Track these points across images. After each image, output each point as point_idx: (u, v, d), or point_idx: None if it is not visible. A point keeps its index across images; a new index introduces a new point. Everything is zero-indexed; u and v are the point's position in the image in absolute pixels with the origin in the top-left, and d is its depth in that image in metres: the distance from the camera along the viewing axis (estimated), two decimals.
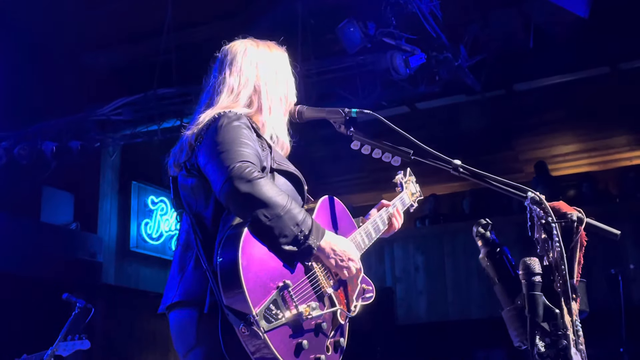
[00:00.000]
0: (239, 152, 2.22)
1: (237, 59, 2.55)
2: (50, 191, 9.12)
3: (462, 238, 9.77)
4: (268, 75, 2.57)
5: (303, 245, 2.22)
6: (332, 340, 2.31)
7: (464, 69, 6.50)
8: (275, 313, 2.10)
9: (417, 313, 9.76)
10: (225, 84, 2.51)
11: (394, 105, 8.37)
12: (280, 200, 2.19)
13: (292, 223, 2.19)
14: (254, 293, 2.07)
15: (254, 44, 2.63)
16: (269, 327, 2.06)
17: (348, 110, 2.54)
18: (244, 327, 2.04)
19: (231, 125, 2.31)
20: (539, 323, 1.98)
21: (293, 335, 2.15)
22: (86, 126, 7.93)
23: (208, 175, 2.27)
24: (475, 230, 2.24)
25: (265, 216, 2.14)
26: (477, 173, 2.29)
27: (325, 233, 2.32)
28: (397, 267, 10.06)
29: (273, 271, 2.17)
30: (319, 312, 2.23)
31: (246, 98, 2.50)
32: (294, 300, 2.18)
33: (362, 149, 2.50)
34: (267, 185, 2.18)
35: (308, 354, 2.20)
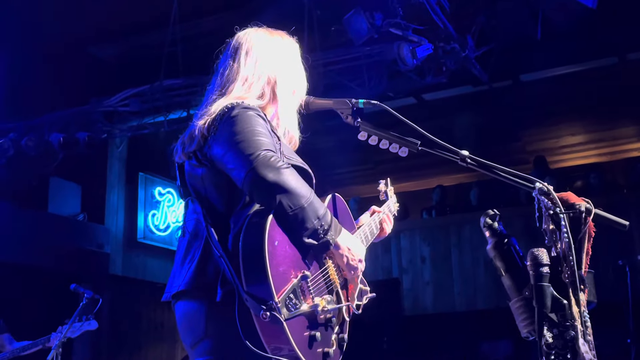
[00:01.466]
0: (260, 141, 2.22)
1: (252, 49, 2.53)
2: (58, 182, 9.15)
3: (469, 229, 9.76)
4: (281, 66, 2.56)
5: (322, 239, 2.23)
6: (337, 336, 2.33)
7: (471, 60, 6.47)
8: (295, 302, 2.12)
9: (424, 304, 9.77)
10: (239, 73, 2.49)
11: (400, 96, 8.34)
12: (305, 191, 2.20)
13: (314, 216, 2.20)
14: (277, 281, 2.08)
15: (268, 34, 2.61)
16: (289, 315, 2.08)
17: (355, 101, 2.53)
18: (265, 314, 2.03)
19: (247, 114, 2.30)
20: (546, 314, 1.98)
21: (308, 326, 2.18)
22: (93, 117, 7.95)
23: (226, 164, 2.25)
24: (483, 221, 2.23)
25: (290, 206, 2.15)
26: (485, 164, 2.28)
27: (342, 231, 2.34)
28: (403, 258, 10.06)
29: (293, 261, 2.19)
30: (334, 306, 2.27)
31: (259, 89, 2.48)
32: (311, 292, 2.20)
33: (369, 139, 2.49)
34: (293, 175, 2.20)
35: (319, 346, 2.22)
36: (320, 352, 2.23)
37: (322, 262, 2.32)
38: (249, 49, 2.53)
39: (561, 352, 1.95)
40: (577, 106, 10.93)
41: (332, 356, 2.28)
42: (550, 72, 9.66)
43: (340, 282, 2.39)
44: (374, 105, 2.53)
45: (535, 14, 6.57)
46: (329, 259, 2.35)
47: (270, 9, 7.20)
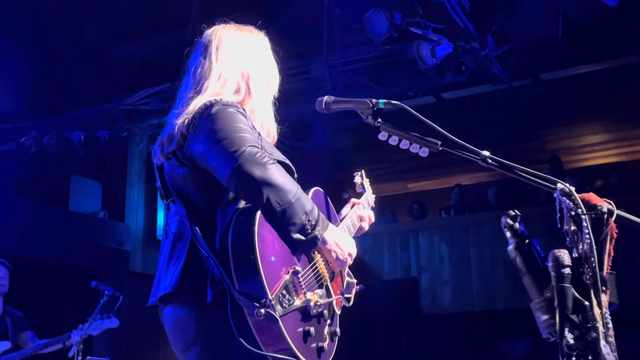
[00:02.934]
0: (243, 137, 2.20)
1: (222, 45, 2.50)
2: (79, 180, 9.24)
3: (488, 228, 9.72)
4: (253, 60, 2.53)
5: (310, 234, 2.22)
6: (329, 329, 2.33)
7: (491, 59, 6.45)
8: (288, 299, 2.11)
9: (442, 303, 9.75)
10: (212, 69, 2.46)
11: (419, 95, 8.32)
12: (292, 187, 2.19)
13: (302, 211, 2.19)
14: (269, 278, 2.07)
15: (236, 29, 2.59)
16: (283, 311, 2.07)
17: (375, 101, 2.51)
18: (259, 311, 2.02)
19: (227, 110, 2.28)
20: (568, 315, 1.97)
21: (301, 321, 2.18)
22: (114, 116, 8.01)
23: (209, 162, 2.22)
24: (503, 222, 2.22)
25: (277, 202, 2.13)
26: (506, 164, 2.27)
27: (329, 225, 2.33)
28: (422, 257, 10.04)
29: (283, 257, 2.17)
30: (326, 300, 2.27)
31: (234, 84, 2.46)
32: (303, 288, 2.20)
33: (390, 139, 2.48)
34: (279, 171, 2.19)
35: (313, 341, 2.21)
36: (315, 347, 2.23)
37: (311, 257, 2.31)
38: (219, 45, 2.50)
39: (582, 354, 1.94)
40: (597, 105, 10.84)
41: (327, 350, 2.28)
42: (571, 71, 9.60)
43: (330, 276, 2.38)
44: (395, 105, 2.52)
45: (556, 13, 6.53)
46: (317, 254, 2.34)
47: (290, 8, 7.23)
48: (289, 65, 7.33)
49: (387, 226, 11.01)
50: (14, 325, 6.09)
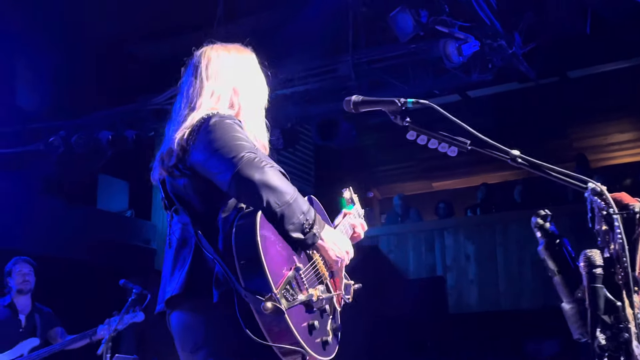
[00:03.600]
0: (241, 144, 2.31)
1: (212, 63, 2.60)
2: (106, 179, 9.34)
3: (514, 227, 9.65)
4: (243, 77, 2.64)
5: (308, 233, 2.32)
6: (332, 325, 2.43)
7: (518, 56, 6.40)
8: (292, 293, 2.21)
9: (468, 302, 9.70)
10: (204, 87, 2.56)
11: (445, 93, 8.29)
12: (289, 189, 2.29)
13: (299, 211, 2.29)
14: (273, 274, 2.17)
15: (224, 48, 2.69)
16: (288, 305, 2.16)
17: (404, 101, 2.51)
18: (265, 305, 2.11)
19: (224, 122, 2.39)
20: (600, 316, 1.96)
21: (306, 316, 2.27)
22: (141, 115, 8.07)
23: (210, 169, 2.33)
24: (534, 222, 2.21)
25: (277, 203, 2.24)
26: (536, 163, 2.26)
27: (325, 226, 2.43)
28: (447, 256, 10.00)
29: (285, 256, 2.28)
30: (327, 295, 2.38)
31: (227, 99, 2.56)
32: (305, 284, 2.29)
33: (418, 139, 2.47)
34: (277, 174, 2.29)
35: (318, 334, 2.31)
36: (320, 341, 2.32)
37: (310, 256, 2.41)
38: (208, 64, 2.60)
39: (614, 354, 1.93)
40: (625, 103, 10.72)
41: (331, 344, 2.37)
42: (599, 68, 9.50)
43: (329, 275, 2.48)
44: (423, 104, 2.51)
45: (584, 9, 6.46)
46: (316, 253, 2.43)
47: (314, 7, 7.23)
48: (314, 65, 7.34)
49: (412, 225, 10.98)
50: (42, 321, 6.17)
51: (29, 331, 6.06)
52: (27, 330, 6.06)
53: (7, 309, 6.06)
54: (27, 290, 6.12)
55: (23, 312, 6.12)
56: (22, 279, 6.08)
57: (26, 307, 6.15)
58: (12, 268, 6.11)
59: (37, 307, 6.22)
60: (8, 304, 6.08)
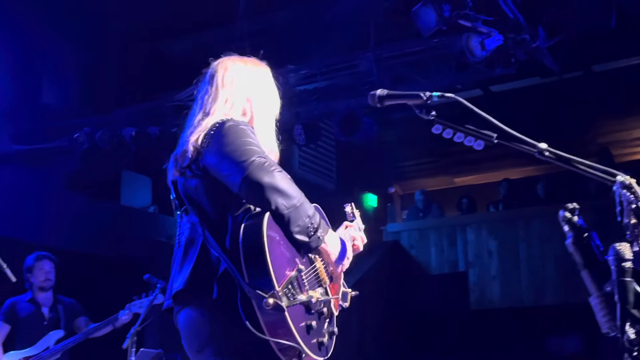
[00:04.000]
0: (252, 149, 2.40)
1: (228, 72, 2.70)
2: (130, 175, 9.40)
3: (537, 223, 9.61)
4: (257, 87, 2.73)
5: (313, 236, 2.40)
6: (328, 328, 2.50)
7: (542, 50, 6.34)
8: (293, 293, 2.29)
9: (490, 298, 9.67)
10: (219, 94, 2.66)
11: (467, 88, 8.24)
12: (296, 192, 2.38)
13: (305, 215, 2.38)
14: (276, 273, 2.26)
15: (241, 60, 2.79)
16: (288, 303, 2.24)
17: (429, 94, 2.49)
18: (267, 302, 2.19)
19: (238, 127, 2.48)
20: (629, 310, 1.94)
21: (304, 316, 2.36)
22: (163, 112, 8.10)
23: (221, 171, 2.42)
24: (561, 215, 2.20)
25: (284, 205, 2.33)
26: (564, 157, 2.24)
27: (329, 231, 2.52)
28: (469, 252, 9.97)
29: (288, 257, 2.37)
30: (326, 297, 2.46)
31: (241, 107, 2.66)
32: (306, 285, 2.38)
33: (444, 133, 2.46)
34: (285, 178, 2.38)
35: (314, 335, 2.39)
36: (316, 342, 2.40)
37: (312, 260, 2.50)
38: (224, 73, 2.70)
39: None
40: None
41: (326, 345, 2.45)
42: (624, 62, 9.39)
43: (328, 279, 2.57)
44: (449, 98, 2.50)
45: (609, 3, 6.39)
46: (317, 257, 2.52)
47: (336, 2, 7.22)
48: (336, 60, 7.34)
49: (433, 221, 10.96)
50: (66, 312, 6.21)
51: (53, 323, 6.12)
52: (51, 322, 6.11)
53: (29, 304, 6.11)
54: (48, 287, 6.17)
55: (45, 305, 6.16)
56: (44, 277, 6.12)
57: (48, 300, 6.19)
58: (34, 264, 6.13)
59: (59, 299, 6.26)
60: (30, 299, 6.13)
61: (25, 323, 6.02)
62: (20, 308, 6.08)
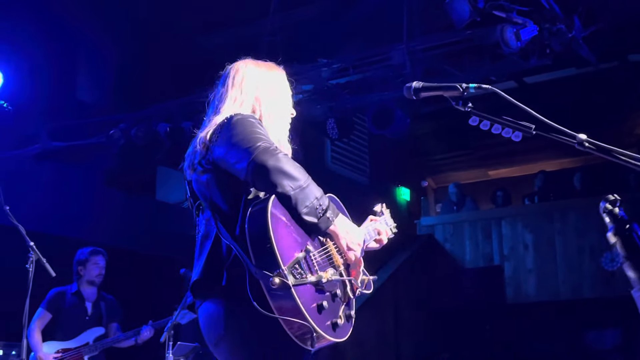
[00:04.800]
0: (258, 137, 2.42)
1: (239, 73, 2.76)
2: (165, 171, 9.48)
3: (574, 215, 9.49)
4: (267, 88, 2.76)
5: (321, 217, 2.39)
6: (345, 311, 2.46)
7: (577, 41, 6.25)
8: (300, 272, 2.28)
9: (527, 292, 9.58)
10: (229, 94, 2.71)
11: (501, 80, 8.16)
12: (302, 175, 2.38)
13: (312, 196, 2.37)
14: (282, 253, 2.26)
15: (254, 63, 2.83)
16: (295, 282, 2.23)
17: (466, 86, 2.47)
18: (273, 280, 2.19)
19: (245, 119, 2.52)
20: None
21: (315, 295, 2.33)
22: (196, 107, 8.14)
23: (229, 160, 2.44)
24: (602, 206, 2.17)
25: (290, 187, 2.32)
26: (604, 147, 2.20)
27: (339, 215, 2.48)
28: (505, 246, 9.89)
29: (296, 238, 2.38)
30: (338, 277, 2.43)
31: (250, 106, 2.70)
32: (315, 265, 2.37)
33: (481, 124, 2.44)
34: (291, 161, 2.39)
35: (327, 316, 2.35)
36: (330, 323, 2.36)
37: (323, 243, 2.49)
38: (236, 75, 2.76)
39: None
40: None
41: (341, 327, 2.41)
42: None
43: (343, 264, 2.52)
44: (486, 89, 2.48)
45: None
46: (329, 240, 2.50)
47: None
48: (369, 54, 7.31)
49: (468, 214, 10.89)
50: (107, 309, 6.32)
51: (95, 319, 6.22)
52: (93, 318, 6.21)
53: (74, 297, 6.22)
54: (98, 282, 6.28)
55: (89, 299, 6.27)
56: (98, 272, 6.24)
57: (92, 295, 6.30)
58: (89, 258, 6.24)
59: (102, 295, 6.37)
60: (75, 291, 6.24)
61: (67, 314, 6.13)
62: (65, 299, 6.19)
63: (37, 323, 5.98)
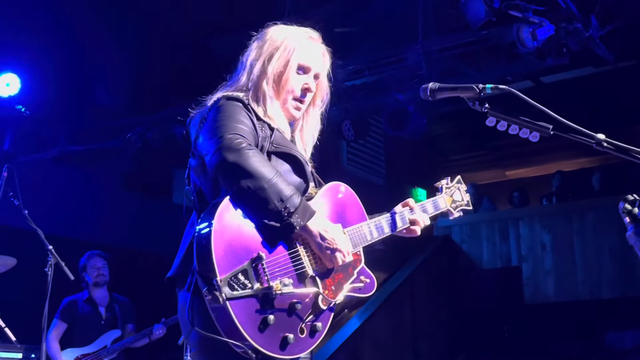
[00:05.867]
0: (231, 125, 2.27)
1: (252, 44, 2.64)
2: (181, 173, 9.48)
3: (592, 216, 9.41)
4: (266, 54, 2.57)
5: (285, 221, 2.20)
6: (308, 324, 2.27)
7: (595, 40, 6.20)
8: (243, 283, 2.10)
9: (545, 292, 9.52)
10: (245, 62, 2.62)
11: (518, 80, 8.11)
12: (267, 173, 2.19)
13: (277, 198, 2.18)
14: (223, 260, 2.09)
15: (279, 27, 2.66)
16: (231, 295, 2.06)
17: (482, 87, 2.46)
18: (207, 291, 2.06)
19: (228, 104, 2.37)
20: None
21: (260, 309, 2.13)
22: None
23: (202, 152, 2.33)
24: (621, 207, 2.14)
25: (249, 187, 2.15)
26: (623, 147, 2.19)
27: (314, 215, 2.28)
28: (523, 246, 9.83)
29: (249, 243, 2.18)
30: (291, 290, 2.19)
31: (243, 80, 2.55)
32: (266, 274, 2.16)
33: (498, 125, 2.43)
34: (255, 157, 2.19)
35: (275, 331, 2.16)
36: (277, 337, 2.17)
37: (291, 246, 2.28)
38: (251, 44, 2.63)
39: None
40: None
41: (293, 342, 2.20)
42: None
43: (317, 269, 2.33)
44: (502, 90, 2.46)
45: None
46: (302, 244, 2.30)
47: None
48: (384, 54, 7.29)
49: (485, 214, 10.83)
50: (122, 311, 6.36)
51: (110, 323, 6.26)
52: (108, 322, 6.25)
53: (87, 304, 6.27)
54: (102, 282, 6.33)
55: (102, 304, 6.32)
56: (96, 273, 6.30)
57: (104, 299, 6.35)
58: (87, 263, 6.34)
59: (114, 298, 6.41)
60: (87, 298, 6.29)
61: (82, 321, 6.18)
62: (78, 307, 6.25)
63: (53, 333, 6.04)
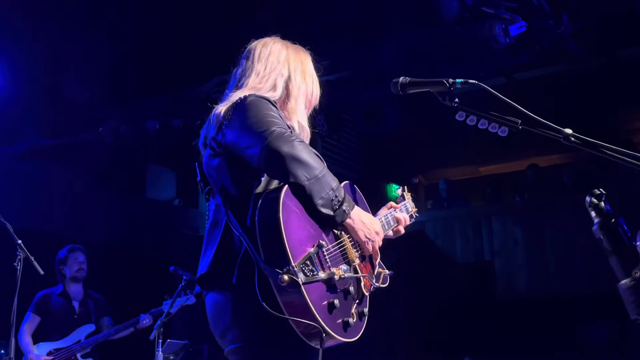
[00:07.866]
0: (273, 120, 2.31)
1: (265, 47, 2.68)
2: (155, 169, 9.47)
3: (564, 211, 9.51)
4: (294, 66, 2.67)
5: (337, 209, 2.30)
6: (357, 309, 2.38)
7: (566, 37, 6.26)
8: (311, 269, 2.17)
9: (517, 287, 9.61)
10: (253, 69, 2.62)
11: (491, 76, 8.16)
12: (318, 164, 2.29)
13: (328, 187, 2.28)
14: (293, 248, 2.15)
15: (282, 41, 2.75)
16: (306, 279, 2.13)
17: (452, 81, 2.47)
18: (282, 278, 2.09)
19: (259, 100, 2.41)
20: None
21: (326, 293, 2.23)
22: (187, 104, 8.12)
23: (241, 144, 2.33)
24: (588, 201, 2.16)
25: (305, 176, 2.22)
26: (591, 142, 2.20)
27: (355, 206, 2.41)
28: (495, 241, 9.91)
29: (309, 231, 2.26)
30: (351, 275, 2.32)
31: (272, 81, 2.60)
32: (327, 261, 2.27)
33: (468, 119, 2.44)
34: (306, 148, 2.28)
35: (338, 314, 2.26)
36: (341, 322, 2.27)
37: (338, 236, 2.38)
38: (262, 49, 2.67)
39: None
40: None
41: (353, 326, 2.32)
42: None
43: (358, 258, 2.44)
44: (472, 84, 2.48)
45: None
46: (344, 234, 2.41)
47: None
48: (358, 49, 7.30)
49: (458, 210, 10.90)
50: (95, 307, 6.32)
51: (84, 317, 6.21)
52: (82, 316, 6.21)
53: (60, 297, 6.22)
54: (81, 278, 6.28)
55: (76, 298, 6.27)
56: (77, 267, 6.24)
57: (78, 294, 6.30)
58: (68, 256, 6.26)
59: (89, 294, 6.37)
60: (61, 292, 6.23)
61: (56, 315, 6.12)
62: (52, 300, 6.19)
63: (26, 327, 5.97)
